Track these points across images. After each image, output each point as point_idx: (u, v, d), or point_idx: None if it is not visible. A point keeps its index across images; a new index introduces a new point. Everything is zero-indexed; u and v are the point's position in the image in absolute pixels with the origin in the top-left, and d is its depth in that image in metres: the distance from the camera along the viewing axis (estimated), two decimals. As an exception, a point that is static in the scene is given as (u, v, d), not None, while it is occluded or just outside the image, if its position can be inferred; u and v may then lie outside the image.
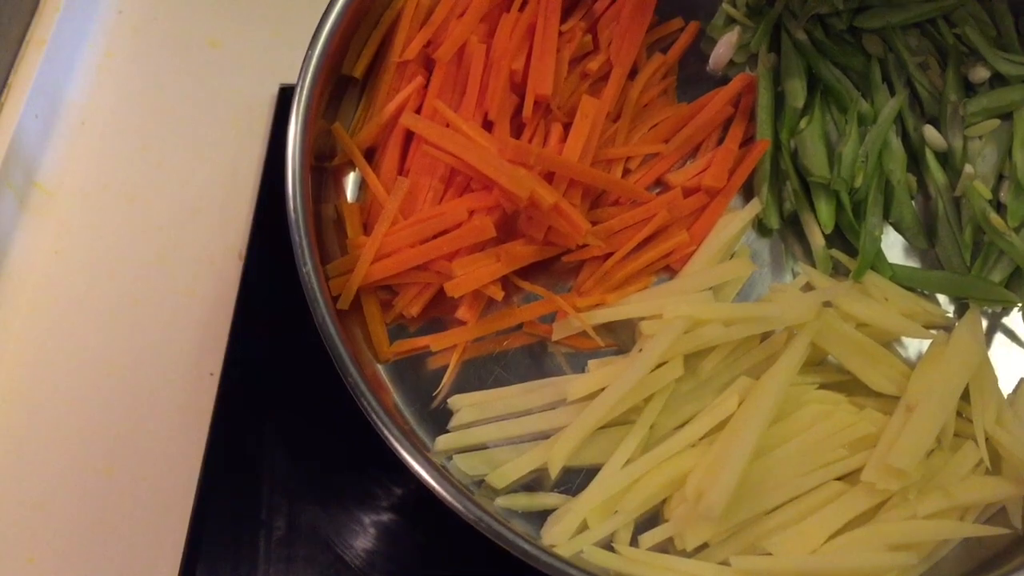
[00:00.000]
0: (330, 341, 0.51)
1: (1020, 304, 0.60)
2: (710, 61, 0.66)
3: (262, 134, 0.70)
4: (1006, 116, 0.62)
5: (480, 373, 0.57)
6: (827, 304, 0.57)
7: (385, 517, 0.58)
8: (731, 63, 0.66)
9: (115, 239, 0.66)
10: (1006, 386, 0.57)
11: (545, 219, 0.56)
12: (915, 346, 0.59)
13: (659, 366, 0.54)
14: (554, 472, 0.53)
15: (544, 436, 0.54)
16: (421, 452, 0.49)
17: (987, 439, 0.54)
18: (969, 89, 0.64)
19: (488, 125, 0.59)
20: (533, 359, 0.58)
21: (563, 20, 0.62)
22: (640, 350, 0.55)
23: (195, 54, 0.73)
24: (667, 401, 0.54)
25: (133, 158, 0.69)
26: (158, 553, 0.57)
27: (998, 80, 0.64)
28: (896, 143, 0.62)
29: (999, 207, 0.61)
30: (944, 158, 0.63)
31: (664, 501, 0.53)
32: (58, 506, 0.58)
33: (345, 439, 0.59)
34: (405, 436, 0.49)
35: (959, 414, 0.55)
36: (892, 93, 0.63)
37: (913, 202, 0.62)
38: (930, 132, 0.63)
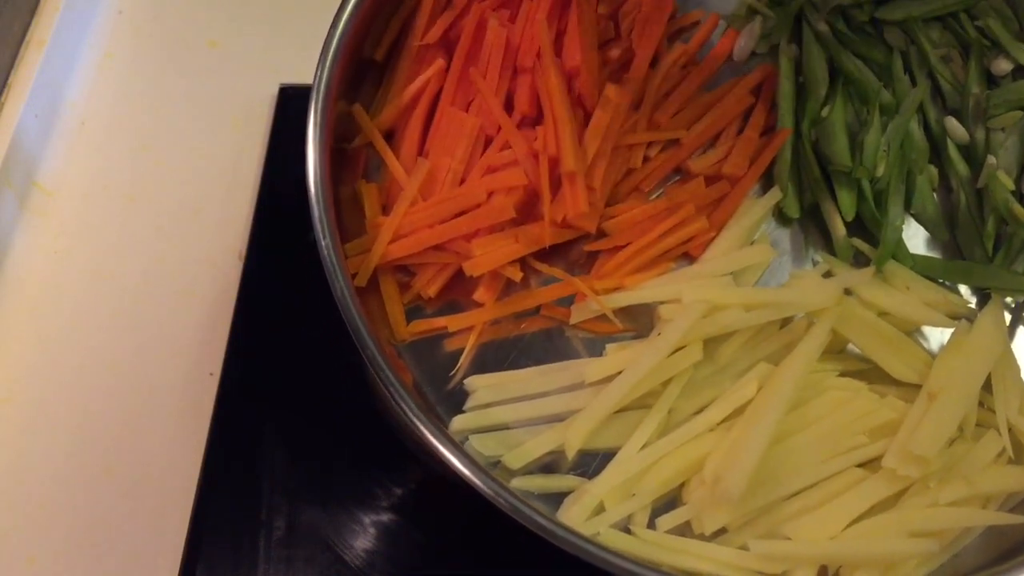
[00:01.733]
0: (348, 315, 0.50)
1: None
2: (732, 51, 0.65)
3: (262, 134, 0.70)
4: (1029, 108, 0.62)
5: (497, 356, 0.56)
6: (848, 292, 0.56)
7: (385, 517, 0.57)
8: (753, 54, 0.65)
9: (115, 239, 0.66)
10: (1029, 378, 0.56)
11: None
12: (937, 336, 0.58)
13: (678, 350, 0.53)
14: (570, 454, 0.52)
15: (560, 419, 0.54)
16: (439, 427, 0.49)
17: (1010, 429, 0.53)
18: (991, 81, 0.64)
19: (509, 109, 0.59)
20: (550, 343, 0.57)
21: (584, 7, 0.62)
22: (659, 334, 0.54)
23: (195, 54, 0.73)
24: (685, 386, 0.54)
25: (133, 158, 0.69)
26: (158, 553, 0.56)
27: (1020, 72, 0.64)
28: (918, 133, 0.62)
29: (1021, 198, 0.60)
30: (966, 150, 0.62)
31: (682, 485, 0.53)
32: (58, 506, 0.58)
33: (345, 439, 0.59)
34: (423, 412, 0.49)
35: (981, 404, 0.54)
36: (914, 85, 0.63)
37: (935, 194, 0.62)
38: (952, 124, 0.62)
